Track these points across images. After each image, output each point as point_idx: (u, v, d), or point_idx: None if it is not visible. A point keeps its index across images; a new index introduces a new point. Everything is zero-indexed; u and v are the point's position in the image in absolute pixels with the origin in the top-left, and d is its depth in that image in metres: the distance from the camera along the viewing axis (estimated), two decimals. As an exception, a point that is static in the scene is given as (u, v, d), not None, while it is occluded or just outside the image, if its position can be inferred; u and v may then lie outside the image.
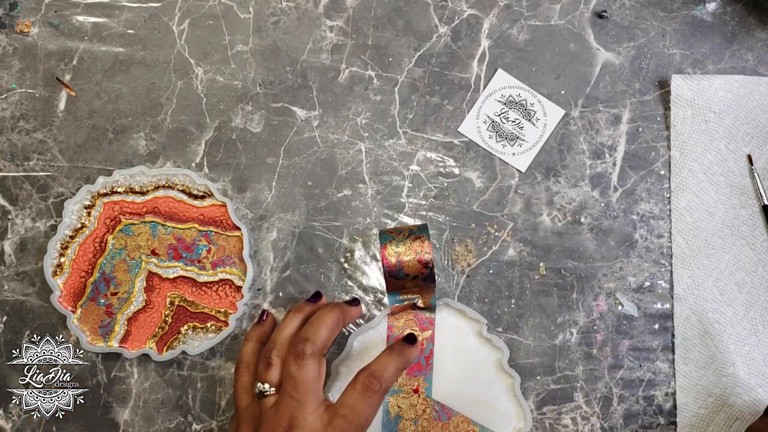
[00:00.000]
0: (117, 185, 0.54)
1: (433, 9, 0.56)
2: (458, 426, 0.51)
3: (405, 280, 0.48)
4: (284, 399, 0.44)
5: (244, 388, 0.47)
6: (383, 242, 0.48)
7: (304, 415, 0.43)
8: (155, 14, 0.56)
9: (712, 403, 0.52)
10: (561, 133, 0.55)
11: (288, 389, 0.45)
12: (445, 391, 0.52)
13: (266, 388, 0.46)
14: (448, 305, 0.52)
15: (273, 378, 0.46)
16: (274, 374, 0.46)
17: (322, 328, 0.47)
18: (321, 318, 0.47)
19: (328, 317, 0.47)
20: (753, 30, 0.56)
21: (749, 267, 0.54)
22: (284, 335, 0.48)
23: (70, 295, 0.52)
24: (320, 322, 0.47)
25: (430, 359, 0.52)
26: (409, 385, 0.51)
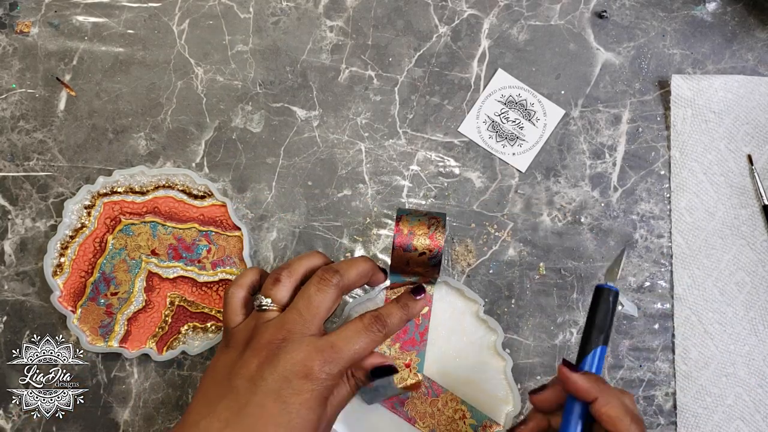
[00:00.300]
0: (117, 185, 0.54)
1: (433, 9, 0.56)
2: (447, 404, 0.51)
3: (412, 255, 0.48)
4: (291, 314, 0.44)
5: (235, 310, 0.46)
6: (399, 214, 0.49)
7: (302, 333, 0.43)
8: (155, 14, 0.56)
9: (712, 402, 0.52)
10: (561, 133, 0.55)
11: (299, 306, 0.44)
12: (436, 367, 0.52)
13: (268, 302, 0.45)
14: (447, 284, 0.53)
15: (279, 295, 0.45)
16: (280, 291, 0.45)
17: (353, 269, 0.46)
18: (355, 261, 0.47)
19: (361, 263, 0.47)
20: (753, 30, 0.56)
21: (749, 267, 0.54)
22: (302, 263, 0.47)
23: (70, 295, 0.52)
24: (354, 264, 0.47)
25: (424, 335, 0.52)
26: (401, 359, 0.51)
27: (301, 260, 0.47)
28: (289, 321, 0.44)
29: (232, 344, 0.45)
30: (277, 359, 0.42)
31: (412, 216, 0.49)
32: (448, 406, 0.51)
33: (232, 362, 0.43)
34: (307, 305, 0.44)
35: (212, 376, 0.44)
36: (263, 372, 0.42)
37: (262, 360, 0.42)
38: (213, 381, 0.43)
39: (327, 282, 0.45)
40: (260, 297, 0.45)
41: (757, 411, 0.52)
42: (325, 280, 0.45)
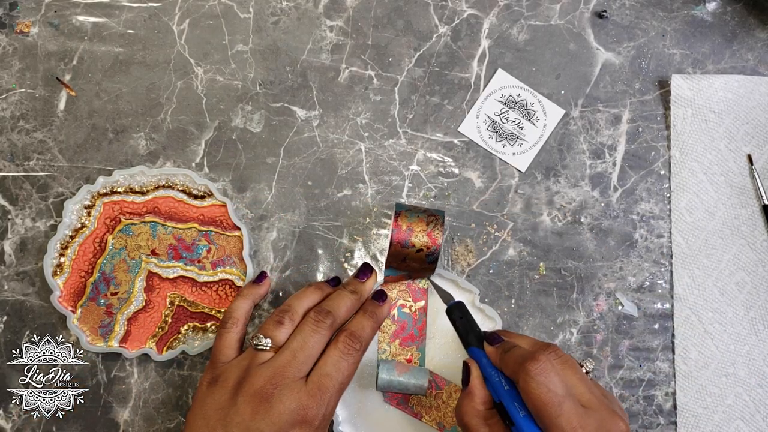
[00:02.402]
0: (117, 185, 0.54)
1: (433, 9, 0.56)
2: (451, 395, 0.51)
3: (409, 252, 0.49)
4: (285, 356, 0.44)
5: (229, 344, 0.47)
6: (398, 210, 0.49)
7: (294, 378, 0.44)
8: (155, 14, 0.56)
9: (712, 402, 0.52)
10: (561, 133, 0.55)
11: (294, 347, 0.45)
12: (437, 360, 0.52)
13: (266, 343, 0.45)
14: (441, 276, 0.52)
15: (279, 337, 0.46)
16: (281, 333, 0.46)
17: (342, 306, 0.48)
18: (342, 297, 0.48)
19: (347, 301, 0.48)
20: (753, 30, 0.56)
21: (749, 267, 0.54)
22: (302, 304, 0.48)
23: (70, 295, 0.52)
24: (342, 301, 0.48)
25: (423, 330, 0.52)
26: (402, 355, 0.51)
27: (301, 301, 0.48)
28: (282, 364, 0.44)
29: (221, 382, 0.44)
30: (272, 407, 0.42)
31: (411, 212, 0.49)
32: (453, 398, 0.51)
33: (223, 406, 0.43)
34: (302, 346, 0.45)
35: (203, 419, 0.44)
36: (258, 422, 0.42)
37: (257, 408, 0.42)
38: (206, 426, 0.43)
39: (321, 324, 0.46)
40: (260, 336, 0.46)
41: (757, 411, 0.52)
42: (320, 322, 0.46)
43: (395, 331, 0.51)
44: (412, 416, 0.51)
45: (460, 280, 0.52)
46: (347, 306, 0.48)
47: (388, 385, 0.49)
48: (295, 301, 0.48)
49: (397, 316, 0.52)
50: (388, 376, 0.49)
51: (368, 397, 0.51)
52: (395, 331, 0.51)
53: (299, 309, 0.48)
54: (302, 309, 0.48)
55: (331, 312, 0.46)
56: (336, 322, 0.47)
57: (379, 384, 0.49)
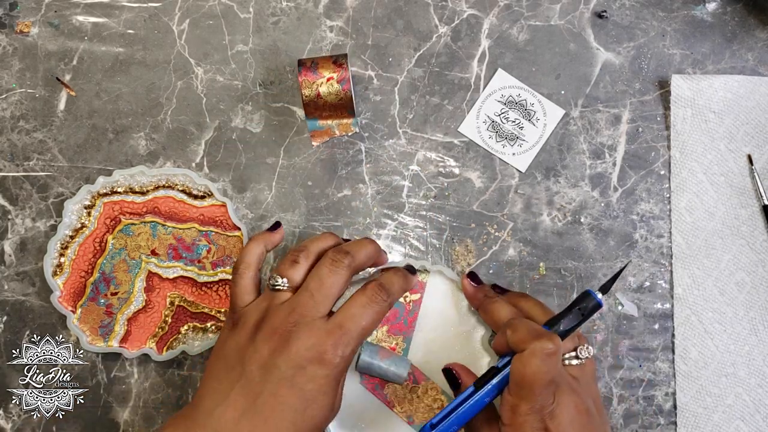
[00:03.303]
0: (117, 185, 0.54)
1: (433, 9, 0.56)
2: (426, 392, 0.51)
3: (320, 83, 0.49)
4: (303, 296, 0.44)
5: (246, 289, 0.46)
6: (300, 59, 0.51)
7: (313, 317, 0.43)
8: (155, 14, 0.56)
9: (712, 402, 0.52)
10: (561, 133, 0.55)
11: (312, 287, 0.44)
12: (421, 354, 0.52)
13: (283, 282, 0.45)
14: (442, 273, 0.52)
15: (295, 276, 0.45)
16: (297, 273, 0.45)
17: (363, 250, 0.47)
18: (363, 243, 0.48)
19: (369, 245, 0.48)
20: (753, 30, 0.56)
21: (749, 267, 0.54)
22: (317, 245, 0.47)
23: (70, 295, 0.52)
24: (363, 245, 0.47)
25: (413, 322, 0.52)
26: (387, 343, 0.51)
27: (316, 242, 0.48)
28: (300, 303, 0.43)
29: (241, 325, 0.44)
30: (289, 345, 0.42)
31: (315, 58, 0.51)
32: (428, 394, 0.51)
33: (242, 346, 0.43)
34: (318, 286, 0.44)
35: (222, 359, 0.44)
36: (276, 359, 0.42)
37: (274, 346, 0.42)
38: (224, 366, 0.43)
39: (339, 263, 0.45)
40: (276, 276, 0.45)
41: (757, 411, 0.52)
42: (337, 261, 0.45)
43: (386, 317, 0.51)
44: (385, 404, 0.51)
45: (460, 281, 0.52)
46: (367, 251, 0.47)
47: (368, 368, 0.49)
48: (309, 242, 0.47)
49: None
50: (369, 358, 0.49)
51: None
52: (386, 317, 0.51)
53: (314, 249, 0.47)
54: (317, 249, 0.47)
55: (349, 253, 0.45)
56: (354, 263, 0.45)
57: (359, 364, 0.49)
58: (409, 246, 0.54)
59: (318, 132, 0.53)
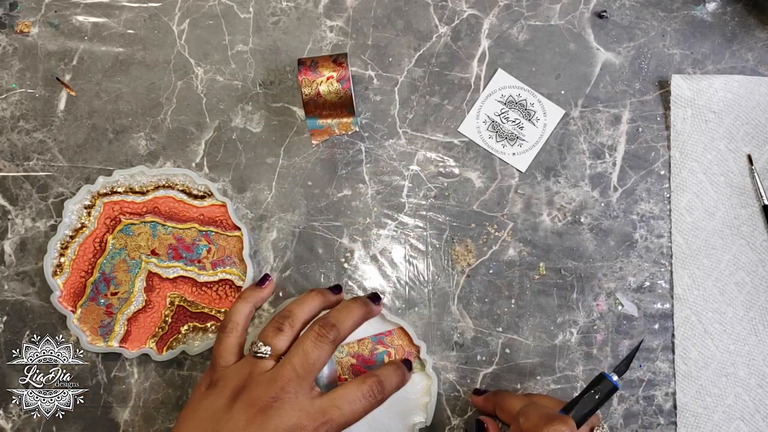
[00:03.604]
0: (117, 185, 0.54)
1: (433, 9, 0.56)
2: None
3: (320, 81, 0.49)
4: (286, 369, 0.43)
5: (229, 349, 0.46)
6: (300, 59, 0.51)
7: (296, 392, 0.42)
8: (155, 14, 0.56)
9: (712, 402, 0.52)
10: (561, 133, 0.55)
11: (295, 361, 0.43)
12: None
13: (266, 351, 0.44)
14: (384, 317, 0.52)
15: (279, 344, 0.44)
16: (281, 341, 0.45)
17: (349, 321, 0.46)
18: (350, 311, 0.47)
19: (356, 312, 0.47)
20: (753, 30, 0.56)
21: (749, 267, 0.54)
22: (303, 310, 0.47)
23: (70, 295, 0.52)
24: (349, 315, 0.46)
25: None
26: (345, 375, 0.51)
27: (302, 307, 0.47)
28: (283, 377, 0.43)
29: (219, 387, 0.43)
30: (268, 421, 0.41)
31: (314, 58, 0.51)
32: None
33: (217, 411, 0.42)
34: (302, 361, 0.43)
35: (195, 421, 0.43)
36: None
37: (251, 417, 0.41)
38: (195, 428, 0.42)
39: (324, 338, 0.44)
40: (260, 344, 0.45)
41: (757, 411, 0.52)
42: (323, 336, 0.44)
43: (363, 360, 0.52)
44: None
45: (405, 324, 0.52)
46: (353, 319, 0.46)
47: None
48: (295, 307, 0.47)
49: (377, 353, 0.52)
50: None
51: None
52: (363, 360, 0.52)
53: (300, 315, 0.46)
54: (303, 315, 0.46)
55: (335, 326, 0.45)
56: (339, 336, 0.45)
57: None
58: (409, 246, 0.54)
59: (318, 131, 0.53)
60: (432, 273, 0.54)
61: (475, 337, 0.53)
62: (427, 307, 0.54)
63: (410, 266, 0.54)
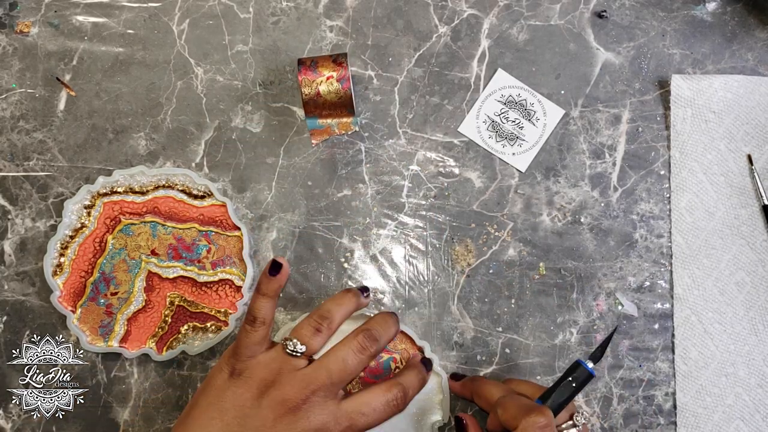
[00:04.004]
0: (117, 185, 0.54)
1: (433, 9, 0.56)
2: None
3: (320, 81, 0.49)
4: (321, 373, 0.43)
5: (256, 341, 0.44)
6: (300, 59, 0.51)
7: (326, 398, 0.42)
8: (155, 14, 0.56)
9: (712, 402, 0.52)
10: (561, 133, 0.55)
11: (332, 368, 0.43)
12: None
13: (301, 350, 0.44)
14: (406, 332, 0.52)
15: (315, 345, 0.44)
16: (318, 342, 0.45)
17: (387, 336, 0.46)
18: (389, 326, 0.47)
19: (393, 329, 0.47)
20: (753, 30, 0.56)
21: (749, 267, 0.54)
22: (341, 312, 0.46)
23: (70, 295, 0.53)
24: (388, 330, 0.47)
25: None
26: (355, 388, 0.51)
27: (340, 308, 0.47)
28: (317, 380, 0.43)
29: (245, 378, 0.43)
30: (296, 421, 0.41)
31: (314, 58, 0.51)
32: None
33: (243, 404, 0.42)
34: (340, 369, 0.43)
35: (218, 411, 0.42)
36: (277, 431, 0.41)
37: (280, 416, 0.41)
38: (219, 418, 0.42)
39: (366, 351, 0.44)
40: (296, 342, 0.44)
41: (757, 411, 0.52)
42: (365, 349, 0.44)
43: (369, 370, 0.52)
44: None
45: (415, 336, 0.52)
46: (390, 335, 0.47)
47: None
48: (334, 308, 0.46)
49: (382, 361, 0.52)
50: None
51: None
52: (369, 370, 0.52)
53: (338, 318, 0.46)
54: (340, 317, 0.46)
55: (377, 340, 0.45)
56: (378, 350, 0.45)
57: None
58: (409, 246, 0.54)
59: (317, 131, 0.53)
60: (432, 273, 0.54)
61: (475, 337, 0.53)
62: (427, 307, 0.54)
63: (410, 266, 0.54)
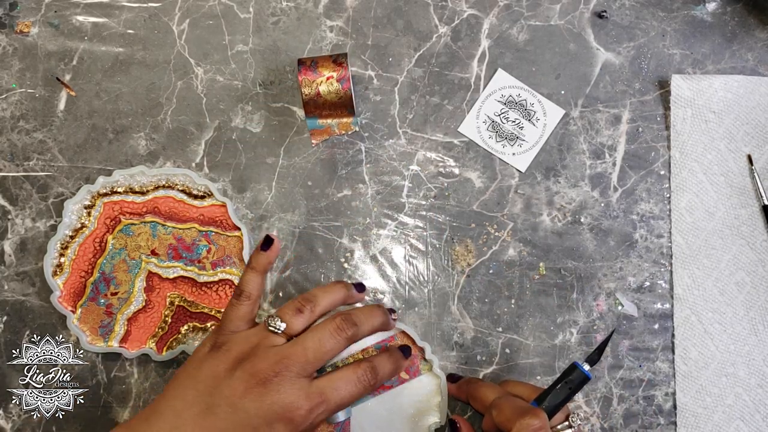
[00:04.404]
0: (117, 185, 0.54)
1: (433, 9, 0.56)
2: None
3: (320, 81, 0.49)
4: (296, 349, 0.43)
5: (241, 316, 0.46)
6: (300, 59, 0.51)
7: (299, 374, 0.43)
8: (155, 14, 0.56)
9: (712, 402, 0.52)
10: (561, 133, 0.55)
11: (308, 345, 0.44)
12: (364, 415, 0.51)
13: (281, 327, 0.45)
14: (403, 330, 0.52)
15: (295, 325, 0.45)
16: (298, 323, 0.45)
17: (369, 324, 0.47)
18: (374, 316, 0.47)
19: (378, 319, 0.48)
20: (753, 30, 0.56)
21: (749, 267, 0.54)
22: (326, 300, 0.47)
23: (70, 295, 0.52)
24: (371, 319, 0.47)
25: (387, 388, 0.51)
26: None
27: (326, 295, 0.47)
28: (291, 356, 0.43)
29: (223, 350, 0.44)
30: (266, 394, 0.42)
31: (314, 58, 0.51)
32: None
33: (217, 374, 0.43)
34: (316, 348, 0.44)
35: (192, 380, 0.43)
36: (247, 402, 0.41)
37: (250, 387, 0.42)
38: (193, 389, 0.43)
39: (343, 332, 0.45)
40: (277, 319, 0.45)
41: (757, 411, 0.52)
42: (342, 330, 0.45)
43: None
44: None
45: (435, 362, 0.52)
46: (373, 324, 0.47)
47: None
48: (320, 294, 0.47)
49: None
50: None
51: None
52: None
53: (322, 303, 0.47)
54: (325, 304, 0.47)
55: (356, 325, 0.46)
56: (357, 336, 0.46)
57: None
58: (409, 246, 0.54)
59: (318, 131, 0.53)
60: (432, 273, 0.54)
61: (475, 337, 0.53)
62: (427, 307, 0.54)
63: (410, 266, 0.54)
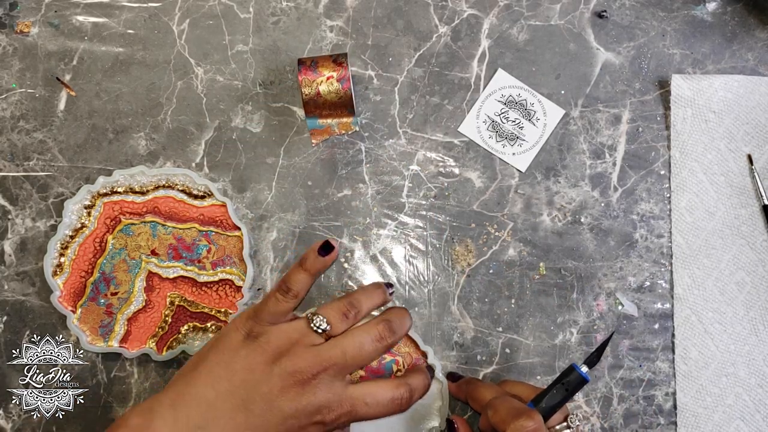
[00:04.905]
0: (117, 185, 0.54)
1: (433, 9, 0.56)
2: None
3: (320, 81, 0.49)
4: (336, 352, 0.44)
5: (282, 311, 0.46)
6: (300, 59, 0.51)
7: (335, 376, 0.43)
8: (155, 14, 0.56)
9: (712, 402, 0.52)
10: (561, 133, 0.55)
11: (348, 349, 0.44)
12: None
13: (324, 328, 0.45)
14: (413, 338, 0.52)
15: (339, 328, 0.46)
16: (342, 326, 0.46)
17: (402, 332, 0.48)
18: (407, 322, 0.48)
19: (408, 325, 0.49)
20: (753, 30, 0.56)
21: (749, 267, 0.54)
22: (370, 305, 0.48)
23: (70, 295, 0.52)
24: (405, 326, 0.48)
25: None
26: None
27: (369, 299, 0.48)
28: (330, 359, 0.44)
29: (261, 342, 0.44)
30: (303, 395, 0.42)
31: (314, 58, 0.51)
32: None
33: (253, 369, 0.43)
34: (356, 353, 0.44)
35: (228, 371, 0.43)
36: (282, 402, 0.42)
37: (287, 387, 0.42)
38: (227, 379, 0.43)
39: (384, 341, 0.46)
40: (322, 319, 0.45)
41: (757, 411, 0.52)
42: (384, 339, 0.46)
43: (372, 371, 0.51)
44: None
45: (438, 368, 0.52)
46: (404, 331, 0.48)
47: None
48: (364, 298, 0.48)
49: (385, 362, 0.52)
50: None
51: None
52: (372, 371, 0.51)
53: (365, 310, 0.48)
54: (367, 309, 0.48)
55: (396, 333, 0.47)
56: (393, 344, 0.47)
57: None
58: (409, 246, 0.54)
59: (318, 131, 0.53)
60: (432, 273, 0.54)
61: (475, 337, 0.53)
62: (427, 307, 0.54)
63: (410, 266, 0.54)
